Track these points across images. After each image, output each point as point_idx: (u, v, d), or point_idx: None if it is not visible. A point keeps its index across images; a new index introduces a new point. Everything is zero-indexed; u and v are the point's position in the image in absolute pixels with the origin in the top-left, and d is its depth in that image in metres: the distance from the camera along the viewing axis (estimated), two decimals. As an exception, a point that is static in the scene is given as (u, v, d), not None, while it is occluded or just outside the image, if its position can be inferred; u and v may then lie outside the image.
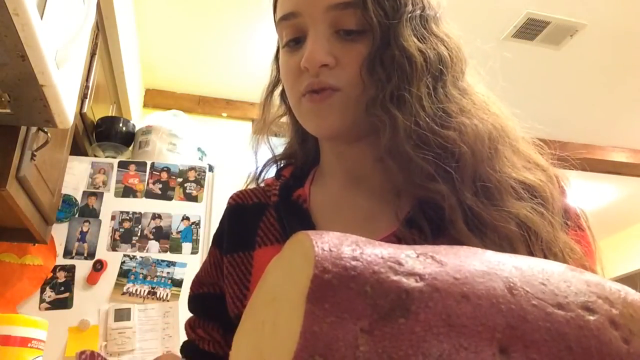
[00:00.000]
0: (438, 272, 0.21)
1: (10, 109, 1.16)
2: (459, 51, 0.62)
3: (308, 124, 0.63)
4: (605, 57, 3.01)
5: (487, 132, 0.57)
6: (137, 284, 1.86)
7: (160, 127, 2.25)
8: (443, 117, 0.56)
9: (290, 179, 0.69)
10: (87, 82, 1.91)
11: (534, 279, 0.22)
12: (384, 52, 0.57)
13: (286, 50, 0.63)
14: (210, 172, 2.14)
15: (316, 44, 0.58)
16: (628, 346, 0.21)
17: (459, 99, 0.58)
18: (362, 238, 0.24)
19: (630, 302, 0.23)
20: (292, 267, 0.24)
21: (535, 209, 0.54)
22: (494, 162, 0.56)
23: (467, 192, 0.53)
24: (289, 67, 0.62)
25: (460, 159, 0.54)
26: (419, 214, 0.56)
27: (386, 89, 0.57)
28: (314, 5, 0.59)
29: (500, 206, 0.53)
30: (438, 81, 0.58)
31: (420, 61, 0.57)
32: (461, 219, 0.53)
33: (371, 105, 0.57)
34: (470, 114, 0.57)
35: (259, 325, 0.24)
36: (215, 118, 3.43)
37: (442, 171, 0.54)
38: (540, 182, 0.57)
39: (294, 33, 0.62)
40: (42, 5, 0.98)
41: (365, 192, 0.63)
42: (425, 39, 0.59)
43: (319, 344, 0.19)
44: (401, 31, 0.58)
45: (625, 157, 3.98)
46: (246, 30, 2.84)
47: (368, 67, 0.57)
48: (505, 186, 0.55)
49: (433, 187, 0.54)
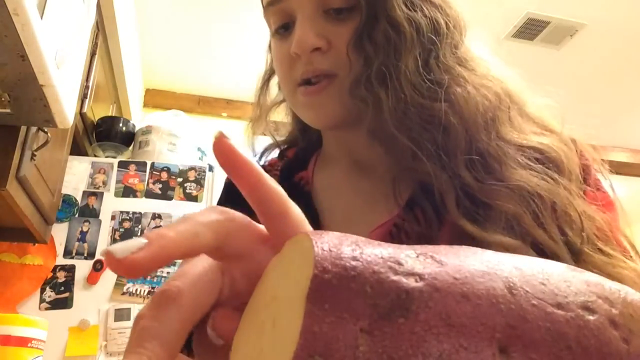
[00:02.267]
0: (438, 272, 0.21)
1: (10, 109, 1.16)
2: (457, 17, 0.57)
3: (304, 115, 0.59)
4: (605, 57, 3.01)
5: (482, 99, 0.52)
6: (137, 284, 1.86)
7: (160, 127, 2.25)
8: (432, 89, 0.51)
9: (293, 159, 0.67)
10: (87, 82, 1.91)
11: (533, 278, 0.22)
12: (373, 26, 0.53)
13: (276, 38, 0.60)
14: (210, 172, 2.14)
15: (305, 27, 0.54)
16: (628, 346, 0.22)
17: (455, 68, 0.54)
18: (362, 238, 0.24)
19: (630, 302, 0.23)
20: (291, 267, 0.24)
21: (545, 176, 0.50)
22: (491, 130, 0.51)
23: (461, 168, 0.49)
24: (281, 56, 0.58)
25: (449, 131, 0.50)
26: (420, 196, 0.52)
27: (372, 67, 0.52)
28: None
29: (500, 179, 0.49)
30: (431, 52, 0.54)
31: (409, 31, 0.53)
32: (453, 200, 0.49)
33: (355, 85, 0.53)
34: (465, 82, 0.53)
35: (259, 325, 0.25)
36: (215, 118, 3.43)
37: (430, 148, 0.50)
38: (552, 145, 0.53)
39: (282, 19, 0.58)
40: (42, 5, 0.98)
41: (367, 177, 0.60)
42: (416, 6, 0.55)
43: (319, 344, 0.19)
44: (390, 1, 0.53)
45: (625, 157, 3.99)
46: (246, 30, 2.84)
47: (355, 44, 0.53)
48: (507, 155, 0.50)
49: (420, 168, 0.50)
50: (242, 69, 3.17)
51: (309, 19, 0.55)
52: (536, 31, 2.82)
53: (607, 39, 2.86)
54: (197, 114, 3.32)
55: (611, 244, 0.49)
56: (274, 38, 0.60)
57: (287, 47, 0.57)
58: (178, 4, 2.69)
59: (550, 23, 2.75)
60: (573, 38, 2.85)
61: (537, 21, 2.74)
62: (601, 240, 0.49)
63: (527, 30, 2.81)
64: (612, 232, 0.50)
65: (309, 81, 0.56)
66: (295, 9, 0.56)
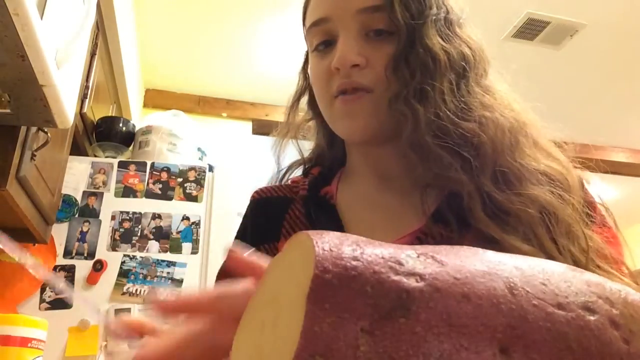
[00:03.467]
0: (439, 272, 0.21)
1: (10, 109, 1.16)
2: (482, 52, 0.64)
3: (340, 125, 0.64)
4: (605, 57, 3.01)
5: (508, 124, 0.58)
6: (137, 284, 1.86)
7: (160, 127, 2.25)
8: (464, 110, 0.58)
9: (318, 176, 0.71)
10: (87, 82, 1.91)
11: (534, 279, 0.22)
12: (410, 51, 0.59)
13: (316, 54, 0.65)
14: (210, 172, 2.14)
15: (347, 45, 0.60)
16: (628, 346, 0.22)
17: (481, 95, 0.60)
18: (362, 238, 0.24)
19: (631, 302, 0.23)
20: (292, 267, 0.24)
21: (555, 192, 0.55)
22: (514, 152, 0.57)
23: (486, 180, 0.55)
24: (320, 70, 0.64)
25: (479, 148, 0.56)
26: (446, 208, 0.57)
27: (410, 85, 0.58)
28: (344, 10, 0.62)
29: (519, 192, 0.54)
30: (461, 78, 0.60)
31: (443, 59, 0.59)
32: (480, 206, 0.54)
33: (394, 100, 0.59)
34: (492, 109, 0.59)
35: (259, 325, 0.25)
36: (215, 118, 3.43)
37: (461, 160, 0.55)
38: (562, 172, 0.59)
39: (324, 37, 0.64)
40: (42, 5, 0.98)
41: (392, 191, 0.65)
42: (449, 39, 0.62)
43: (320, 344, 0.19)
44: (426, 31, 0.60)
45: (625, 157, 3.99)
46: (246, 30, 2.84)
47: (393, 66, 0.60)
48: (525, 174, 0.56)
49: (452, 176, 0.55)
50: (242, 69, 3.17)
51: (351, 39, 0.61)
52: (536, 31, 2.82)
53: (607, 39, 2.86)
54: (197, 114, 3.32)
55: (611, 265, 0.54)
56: (314, 54, 0.66)
57: (327, 62, 0.63)
58: (178, 4, 2.69)
59: (550, 23, 2.75)
60: (573, 38, 2.85)
61: (537, 21, 2.74)
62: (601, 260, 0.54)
63: (527, 30, 2.80)
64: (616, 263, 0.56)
65: (345, 92, 0.61)
66: (338, 30, 0.62)
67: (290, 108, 0.75)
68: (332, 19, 0.63)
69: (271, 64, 3.09)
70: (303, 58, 0.75)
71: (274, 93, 3.35)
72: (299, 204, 0.69)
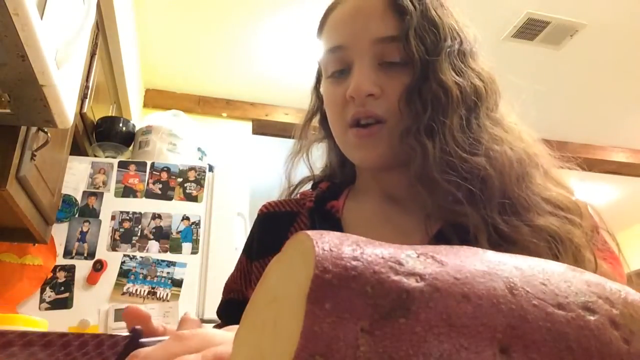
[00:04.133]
0: (438, 272, 0.21)
1: (10, 109, 1.16)
2: (493, 84, 0.65)
3: (353, 155, 0.65)
4: (605, 57, 3.01)
5: (517, 156, 0.59)
6: (137, 284, 1.86)
7: (160, 127, 2.25)
8: (473, 145, 0.58)
9: (326, 191, 0.72)
10: (87, 82, 1.91)
11: (534, 279, 0.22)
12: (423, 84, 0.60)
13: (331, 81, 0.66)
14: (210, 172, 2.14)
15: (363, 75, 0.61)
16: (628, 346, 0.22)
17: (491, 128, 0.61)
18: (362, 238, 0.24)
19: (631, 302, 0.23)
20: (292, 267, 0.24)
21: (562, 220, 0.56)
22: (521, 183, 0.58)
23: (493, 212, 0.56)
24: (334, 97, 0.65)
25: (487, 181, 0.56)
26: (449, 230, 0.58)
27: (421, 120, 0.59)
28: (360, 39, 0.62)
29: (526, 222, 0.55)
30: (472, 112, 0.61)
31: (456, 93, 0.60)
32: (485, 237, 0.54)
33: (405, 134, 0.60)
34: (502, 141, 0.60)
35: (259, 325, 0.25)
36: (215, 118, 3.42)
37: (468, 194, 0.56)
38: (571, 202, 0.59)
39: (339, 65, 0.65)
40: (42, 5, 0.98)
41: (398, 210, 0.66)
42: (462, 72, 0.62)
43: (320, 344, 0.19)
44: (440, 65, 0.61)
45: (625, 157, 3.98)
46: (246, 30, 2.84)
47: (406, 98, 0.60)
48: (534, 204, 0.57)
49: (459, 210, 0.56)
50: (242, 69, 3.17)
51: (367, 68, 0.62)
52: (536, 31, 2.81)
53: (607, 39, 2.85)
54: (197, 114, 3.32)
55: None
56: (329, 80, 0.67)
57: (342, 90, 0.63)
58: (178, 4, 2.69)
59: (550, 23, 2.75)
60: (573, 38, 2.85)
61: (537, 21, 2.74)
62: None
63: (527, 30, 2.80)
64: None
65: (359, 122, 0.62)
66: (354, 58, 0.63)
67: (303, 126, 0.76)
68: (349, 47, 0.63)
69: (271, 64, 3.09)
70: (315, 77, 0.75)
71: (274, 93, 3.35)
72: (304, 216, 0.70)
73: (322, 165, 0.78)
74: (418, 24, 0.61)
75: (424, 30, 0.61)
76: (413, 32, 0.61)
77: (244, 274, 0.71)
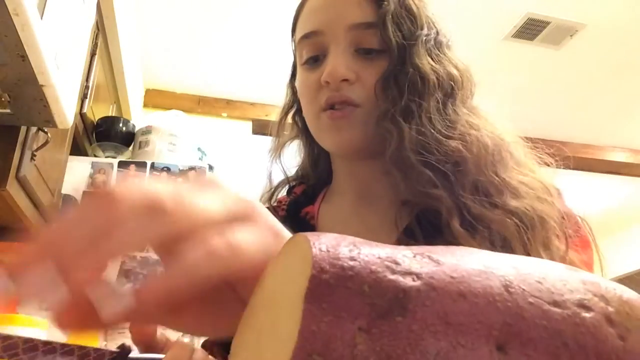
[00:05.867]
0: (435, 271, 0.22)
1: (10, 109, 1.16)
2: (469, 74, 0.66)
3: (326, 138, 0.64)
4: (605, 57, 3.01)
5: (493, 141, 0.60)
6: (137, 284, 1.86)
7: (160, 127, 2.25)
8: (449, 128, 0.59)
9: (301, 196, 0.71)
10: (87, 82, 1.91)
11: (530, 277, 0.22)
12: (400, 70, 0.60)
13: (305, 67, 0.66)
14: (210, 172, 2.14)
15: (338, 60, 0.61)
16: (624, 343, 0.22)
17: (467, 115, 0.62)
18: (359, 239, 0.24)
19: (626, 300, 0.23)
20: (289, 268, 0.24)
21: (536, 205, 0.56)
22: (496, 167, 0.58)
23: (466, 195, 0.55)
24: (308, 83, 0.65)
25: (461, 164, 0.57)
26: (417, 223, 0.58)
27: (398, 104, 0.59)
28: (336, 24, 0.62)
29: (498, 204, 0.55)
30: (448, 97, 0.61)
31: (432, 79, 0.60)
32: (457, 220, 0.54)
33: (382, 118, 0.60)
34: (477, 127, 0.61)
35: (258, 325, 0.25)
36: (215, 118, 3.42)
37: (442, 177, 0.56)
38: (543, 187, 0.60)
39: (314, 51, 0.65)
40: (42, 5, 0.98)
41: (371, 209, 0.65)
42: (438, 59, 0.63)
43: (317, 343, 0.19)
44: (417, 51, 0.61)
45: (625, 157, 3.98)
46: (246, 30, 2.84)
47: (383, 84, 0.60)
48: (507, 186, 0.57)
49: (433, 193, 0.56)
50: (242, 69, 3.17)
51: (342, 53, 0.61)
52: (536, 31, 2.81)
53: (607, 39, 2.85)
54: (197, 114, 3.32)
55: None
56: (303, 67, 0.66)
57: (316, 76, 0.63)
58: (178, 4, 2.69)
59: (550, 23, 2.74)
60: (573, 38, 2.85)
61: (537, 21, 2.74)
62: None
63: (527, 30, 2.80)
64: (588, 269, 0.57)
65: (332, 107, 0.62)
66: (329, 44, 0.63)
67: (279, 123, 0.75)
68: (324, 33, 0.63)
69: (271, 64, 3.09)
70: (290, 71, 0.75)
71: (274, 93, 3.33)
72: None
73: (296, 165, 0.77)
74: (395, 10, 0.61)
75: (401, 17, 0.62)
76: (390, 18, 0.61)
77: None
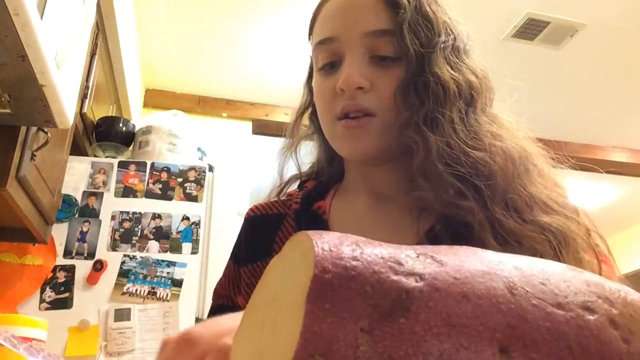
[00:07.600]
0: (438, 272, 0.21)
1: (10, 109, 1.16)
2: (487, 80, 0.65)
3: (341, 147, 0.64)
4: (605, 57, 3.01)
5: (517, 153, 0.59)
6: (137, 284, 1.86)
7: (160, 127, 2.25)
8: (474, 139, 0.58)
9: (313, 190, 0.71)
10: (87, 82, 1.91)
11: (533, 278, 0.22)
12: (418, 78, 0.60)
13: (321, 73, 0.65)
14: (210, 172, 2.14)
15: (353, 67, 0.60)
16: (628, 346, 0.22)
17: (489, 124, 0.61)
18: (362, 238, 0.24)
19: (630, 302, 0.23)
20: (292, 267, 0.24)
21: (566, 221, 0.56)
22: (524, 180, 0.58)
23: (498, 208, 0.55)
24: (324, 90, 0.64)
25: (490, 177, 0.56)
26: (442, 228, 0.57)
27: (420, 112, 0.59)
28: (352, 31, 0.62)
29: (530, 219, 0.55)
30: (469, 106, 0.61)
31: (453, 88, 0.60)
32: (490, 234, 0.54)
33: (405, 127, 0.59)
34: (501, 138, 0.60)
35: (259, 325, 0.25)
36: (215, 118, 3.42)
37: (473, 189, 0.56)
38: (568, 203, 0.60)
39: (330, 57, 0.64)
40: (42, 5, 0.98)
41: (387, 209, 0.65)
42: (457, 67, 0.62)
43: (320, 344, 0.19)
44: (435, 59, 0.60)
45: (625, 157, 3.98)
46: (246, 30, 2.84)
47: (402, 92, 0.60)
48: (536, 201, 0.57)
49: (463, 204, 0.55)
50: (242, 69, 3.16)
51: (357, 61, 0.61)
52: (536, 31, 2.81)
53: (607, 39, 2.85)
54: (197, 114, 3.32)
55: None
56: (320, 73, 0.66)
57: (332, 83, 0.63)
58: (178, 5, 2.69)
59: (550, 23, 2.74)
60: (573, 38, 2.85)
61: (537, 21, 2.74)
62: None
63: (527, 30, 2.80)
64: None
65: (347, 115, 0.61)
66: (345, 51, 0.62)
67: (295, 122, 0.75)
68: (340, 40, 0.63)
69: (272, 64, 3.09)
70: (307, 72, 0.75)
71: (274, 93, 3.34)
72: (291, 218, 0.69)
73: (311, 162, 0.77)
74: (412, 18, 0.61)
75: (418, 24, 0.61)
76: (407, 26, 0.60)
77: (232, 280, 0.71)
